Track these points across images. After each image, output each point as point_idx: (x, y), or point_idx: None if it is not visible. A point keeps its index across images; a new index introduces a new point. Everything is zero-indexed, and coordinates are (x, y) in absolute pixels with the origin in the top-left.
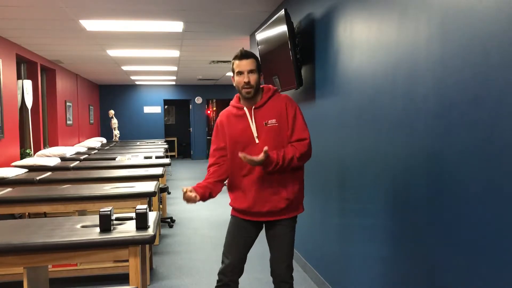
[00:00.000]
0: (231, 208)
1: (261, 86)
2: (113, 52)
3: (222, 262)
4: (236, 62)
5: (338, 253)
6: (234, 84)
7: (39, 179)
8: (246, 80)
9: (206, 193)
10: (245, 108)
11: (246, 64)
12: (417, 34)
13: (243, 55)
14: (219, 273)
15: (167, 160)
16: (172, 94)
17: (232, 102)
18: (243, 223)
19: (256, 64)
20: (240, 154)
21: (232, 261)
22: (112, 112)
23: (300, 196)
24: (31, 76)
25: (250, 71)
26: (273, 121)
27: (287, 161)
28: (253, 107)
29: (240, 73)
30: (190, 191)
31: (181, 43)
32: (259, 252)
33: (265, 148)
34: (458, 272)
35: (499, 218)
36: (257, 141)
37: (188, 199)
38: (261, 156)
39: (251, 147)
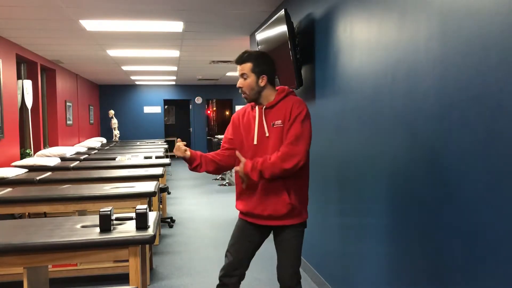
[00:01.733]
0: (234, 209)
1: (277, 87)
2: (113, 52)
3: (225, 259)
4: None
5: (338, 253)
6: None
7: (39, 179)
8: (238, 85)
9: (197, 155)
10: (256, 108)
11: (239, 69)
12: (417, 34)
13: (237, 60)
14: (221, 269)
15: (167, 160)
16: (172, 94)
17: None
18: (248, 226)
19: (251, 67)
20: (237, 153)
21: (232, 261)
22: (112, 112)
23: (304, 202)
24: (31, 76)
25: (242, 76)
26: (279, 121)
27: (266, 165)
28: (264, 107)
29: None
30: (184, 146)
31: (181, 43)
32: (259, 252)
33: (237, 168)
34: (458, 271)
35: (499, 218)
36: (255, 142)
37: (177, 148)
38: (240, 165)
39: (253, 148)
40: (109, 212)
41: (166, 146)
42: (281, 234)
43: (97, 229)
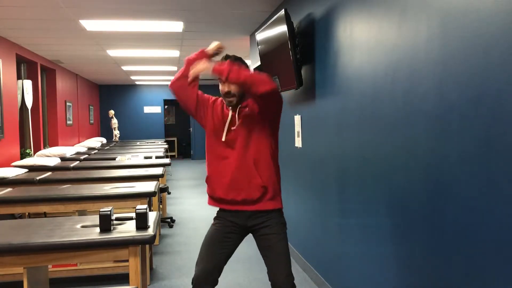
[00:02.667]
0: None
1: None
2: (113, 52)
3: (196, 268)
4: None
5: (338, 253)
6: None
7: (39, 179)
8: (226, 89)
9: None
10: (230, 110)
11: None
12: (417, 34)
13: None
14: (192, 280)
15: (167, 160)
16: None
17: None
18: (221, 233)
19: None
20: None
21: (204, 269)
22: (112, 112)
23: (277, 188)
24: (31, 76)
25: None
26: (247, 110)
27: (243, 71)
28: (238, 107)
29: (221, 81)
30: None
31: (181, 43)
32: (259, 252)
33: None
34: (458, 272)
35: (499, 218)
36: (223, 139)
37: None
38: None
39: (223, 145)
40: (109, 212)
41: (166, 146)
42: (265, 241)
43: (97, 229)
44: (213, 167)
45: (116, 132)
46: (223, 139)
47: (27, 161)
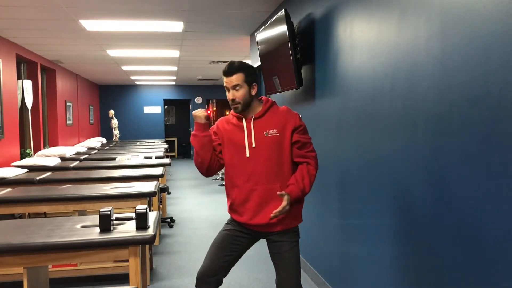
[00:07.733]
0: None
1: (259, 97)
2: (113, 52)
3: (202, 265)
4: (223, 78)
5: (338, 253)
6: None
7: (39, 179)
8: (230, 97)
9: (210, 133)
10: (244, 120)
11: (230, 81)
12: (417, 34)
13: (226, 71)
14: (196, 276)
15: (167, 160)
16: (172, 94)
17: (232, 111)
18: (235, 235)
19: (243, 77)
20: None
21: (208, 269)
22: (112, 112)
23: (299, 206)
24: (31, 76)
25: (235, 87)
26: (274, 131)
27: (307, 181)
28: (253, 117)
29: (227, 89)
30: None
31: (181, 43)
32: (259, 252)
33: (281, 193)
34: (458, 272)
35: (499, 218)
36: (247, 154)
37: (202, 114)
38: (284, 202)
39: (245, 159)
40: (109, 212)
41: (166, 146)
42: (278, 246)
43: (97, 229)
44: (236, 189)
45: (116, 132)
46: (247, 154)
47: (27, 161)
